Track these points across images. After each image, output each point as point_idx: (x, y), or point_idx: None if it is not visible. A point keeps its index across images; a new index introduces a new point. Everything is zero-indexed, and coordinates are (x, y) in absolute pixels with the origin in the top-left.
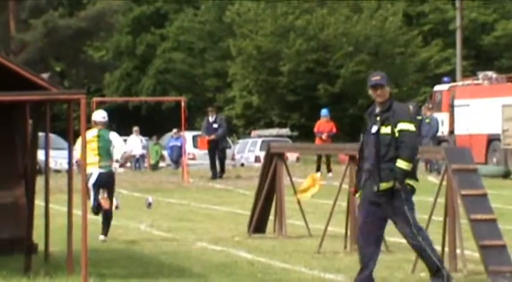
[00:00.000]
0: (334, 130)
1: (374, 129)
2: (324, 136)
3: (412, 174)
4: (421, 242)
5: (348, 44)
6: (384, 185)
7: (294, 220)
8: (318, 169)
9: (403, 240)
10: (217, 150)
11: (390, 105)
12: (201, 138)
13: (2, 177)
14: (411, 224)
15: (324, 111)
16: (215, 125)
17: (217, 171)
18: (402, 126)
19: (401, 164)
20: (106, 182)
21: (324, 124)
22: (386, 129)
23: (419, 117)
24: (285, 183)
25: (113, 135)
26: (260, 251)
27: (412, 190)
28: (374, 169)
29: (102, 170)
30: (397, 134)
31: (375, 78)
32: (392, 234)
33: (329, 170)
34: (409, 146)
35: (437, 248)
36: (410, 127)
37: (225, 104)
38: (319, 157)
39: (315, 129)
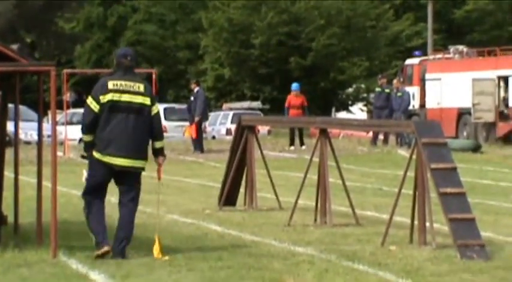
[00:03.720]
0: (305, 103)
1: None
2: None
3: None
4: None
5: (319, 17)
6: None
7: (265, 193)
8: (292, 143)
9: (374, 213)
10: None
11: None
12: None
13: None
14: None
15: (295, 86)
16: (192, 98)
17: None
18: None
19: None
20: None
21: (295, 98)
22: None
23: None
24: (256, 156)
25: None
26: (230, 223)
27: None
28: None
29: None
30: None
31: None
32: (362, 207)
33: (302, 143)
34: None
35: (407, 220)
36: (86, 105)
37: (197, 76)
38: (292, 130)
39: (286, 104)
